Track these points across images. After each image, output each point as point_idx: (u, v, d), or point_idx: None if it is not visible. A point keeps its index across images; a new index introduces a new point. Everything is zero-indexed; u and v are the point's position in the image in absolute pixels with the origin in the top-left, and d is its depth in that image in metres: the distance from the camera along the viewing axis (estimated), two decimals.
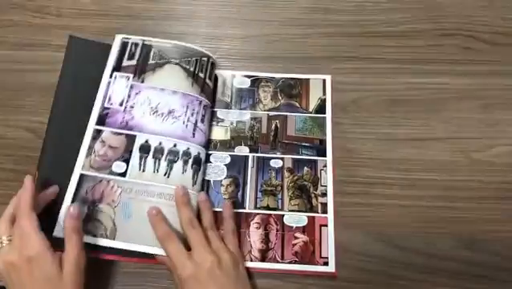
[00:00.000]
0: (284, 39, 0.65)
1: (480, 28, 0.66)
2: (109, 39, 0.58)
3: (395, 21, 0.66)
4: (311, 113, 0.60)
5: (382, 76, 0.62)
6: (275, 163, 0.57)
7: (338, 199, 0.55)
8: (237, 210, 0.54)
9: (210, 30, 0.66)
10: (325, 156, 0.57)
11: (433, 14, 0.67)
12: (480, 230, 0.54)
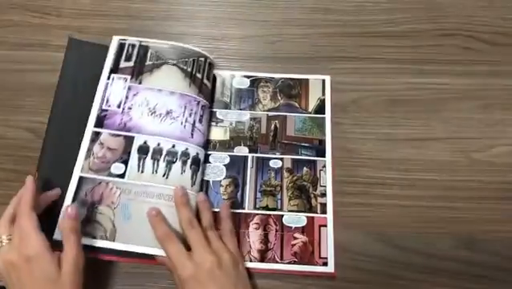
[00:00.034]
0: (284, 39, 0.65)
1: (480, 28, 0.65)
2: (109, 40, 0.58)
3: (395, 21, 0.66)
4: (311, 113, 0.60)
5: (382, 76, 0.62)
6: (274, 163, 0.57)
7: (337, 199, 0.55)
8: (236, 211, 0.54)
9: (210, 30, 0.66)
10: (324, 156, 0.57)
11: (433, 14, 0.67)
12: (480, 230, 0.54)
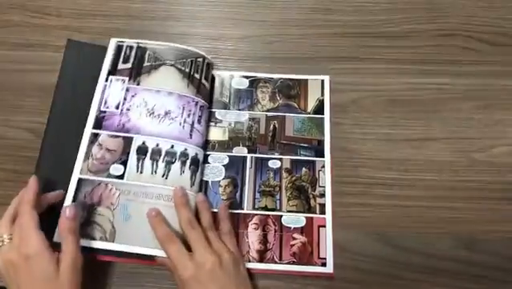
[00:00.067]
0: (283, 40, 0.65)
1: (480, 28, 0.65)
2: (108, 40, 0.58)
3: (395, 21, 0.66)
4: (310, 114, 0.60)
5: (382, 76, 0.62)
6: (273, 164, 0.57)
7: (336, 200, 0.55)
8: (235, 211, 0.54)
9: (209, 30, 0.66)
10: (323, 156, 0.57)
11: (433, 14, 0.66)
12: (480, 230, 0.54)
